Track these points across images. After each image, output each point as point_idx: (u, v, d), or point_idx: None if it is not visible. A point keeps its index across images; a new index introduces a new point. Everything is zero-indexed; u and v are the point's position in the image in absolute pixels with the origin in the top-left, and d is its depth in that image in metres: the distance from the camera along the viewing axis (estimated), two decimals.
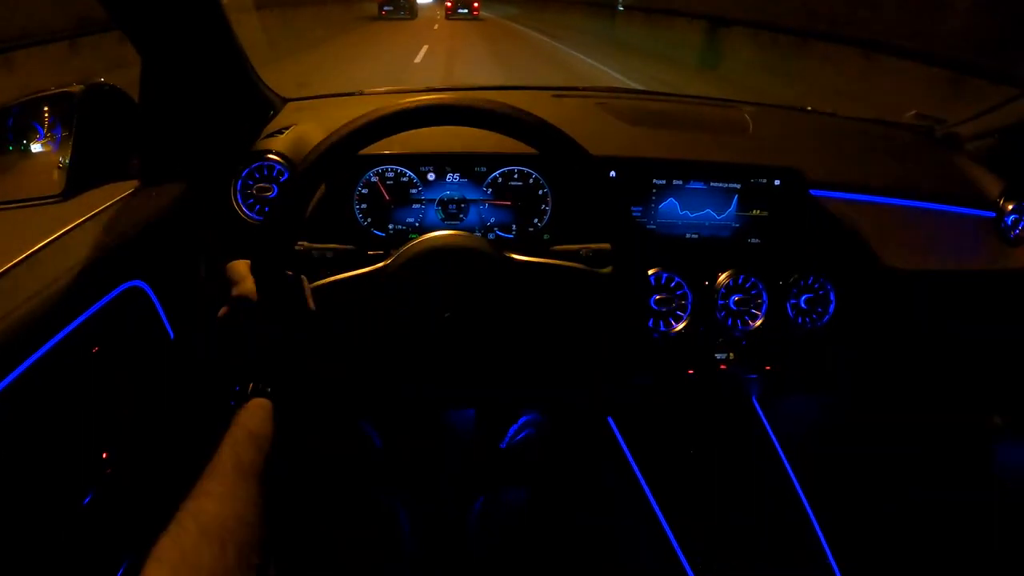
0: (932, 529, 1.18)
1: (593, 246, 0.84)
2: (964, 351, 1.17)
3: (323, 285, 0.71)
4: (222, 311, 0.68)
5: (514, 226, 1.03)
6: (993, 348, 1.17)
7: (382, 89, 1.25)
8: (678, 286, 1.04)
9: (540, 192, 1.02)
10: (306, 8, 15.98)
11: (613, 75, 8.83)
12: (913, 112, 1.36)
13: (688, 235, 1.05)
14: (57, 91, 0.93)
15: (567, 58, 11.35)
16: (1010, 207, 1.12)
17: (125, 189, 0.91)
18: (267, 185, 0.97)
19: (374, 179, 1.00)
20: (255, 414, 0.59)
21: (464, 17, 22.80)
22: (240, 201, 0.98)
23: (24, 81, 5.73)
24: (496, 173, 1.01)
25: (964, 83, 5.00)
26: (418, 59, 10.51)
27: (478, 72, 9.39)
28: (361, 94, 1.25)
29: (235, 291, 0.68)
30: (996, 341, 1.16)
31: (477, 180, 1.01)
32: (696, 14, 10.53)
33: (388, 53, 11.61)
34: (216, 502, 0.50)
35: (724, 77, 8.65)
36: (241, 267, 0.70)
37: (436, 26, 19.10)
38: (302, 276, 0.70)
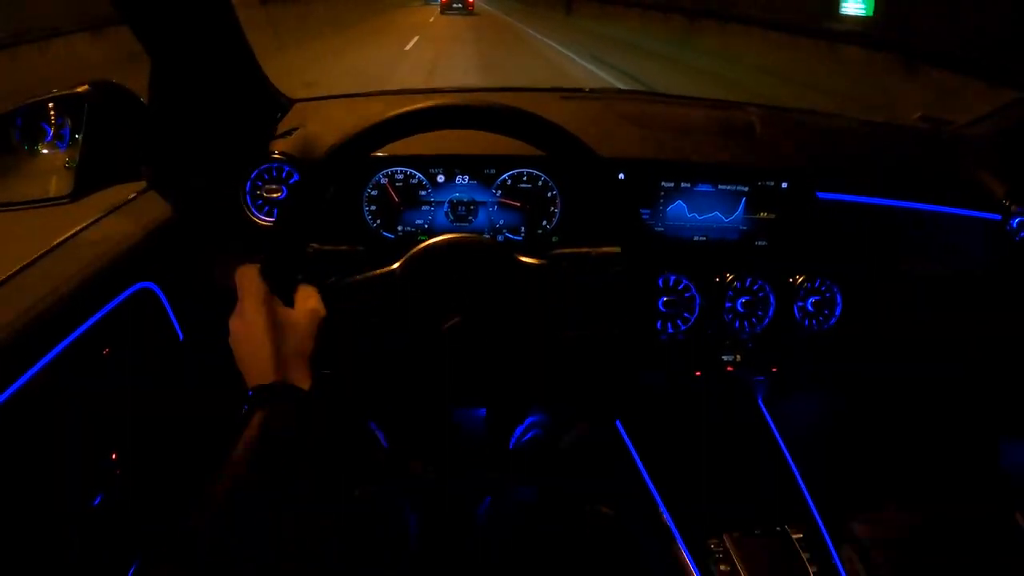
0: (939, 530, 1.18)
1: (602, 249, 0.84)
2: (970, 353, 1.17)
3: (333, 287, 0.71)
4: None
5: (523, 228, 1.04)
6: (999, 350, 1.17)
7: (390, 90, 1.25)
8: (686, 288, 1.04)
9: (549, 194, 1.02)
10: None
11: None
12: (919, 114, 1.36)
13: (696, 237, 1.05)
14: (65, 92, 0.93)
15: None
16: (1016, 209, 1.12)
17: (133, 190, 0.92)
18: (276, 186, 0.97)
19: (383, 181, 1.00)
20: (268, 419, 0.59)
21: (459, 12, 22.40)
22: (249, 203, 0.98)
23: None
24: (505, 175, 1.01)
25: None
26: None
27: None
28: (369, 95, 1.25)
29: (246, 296, 0.68)
30: (1002, 343, 1.16)
31: (486, 182, 1.01)
32: None
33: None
34: (229, 507, 0.50)
35: None
36: (251, 272, 0.70)
37: (416, 38, 13.36)
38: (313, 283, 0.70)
